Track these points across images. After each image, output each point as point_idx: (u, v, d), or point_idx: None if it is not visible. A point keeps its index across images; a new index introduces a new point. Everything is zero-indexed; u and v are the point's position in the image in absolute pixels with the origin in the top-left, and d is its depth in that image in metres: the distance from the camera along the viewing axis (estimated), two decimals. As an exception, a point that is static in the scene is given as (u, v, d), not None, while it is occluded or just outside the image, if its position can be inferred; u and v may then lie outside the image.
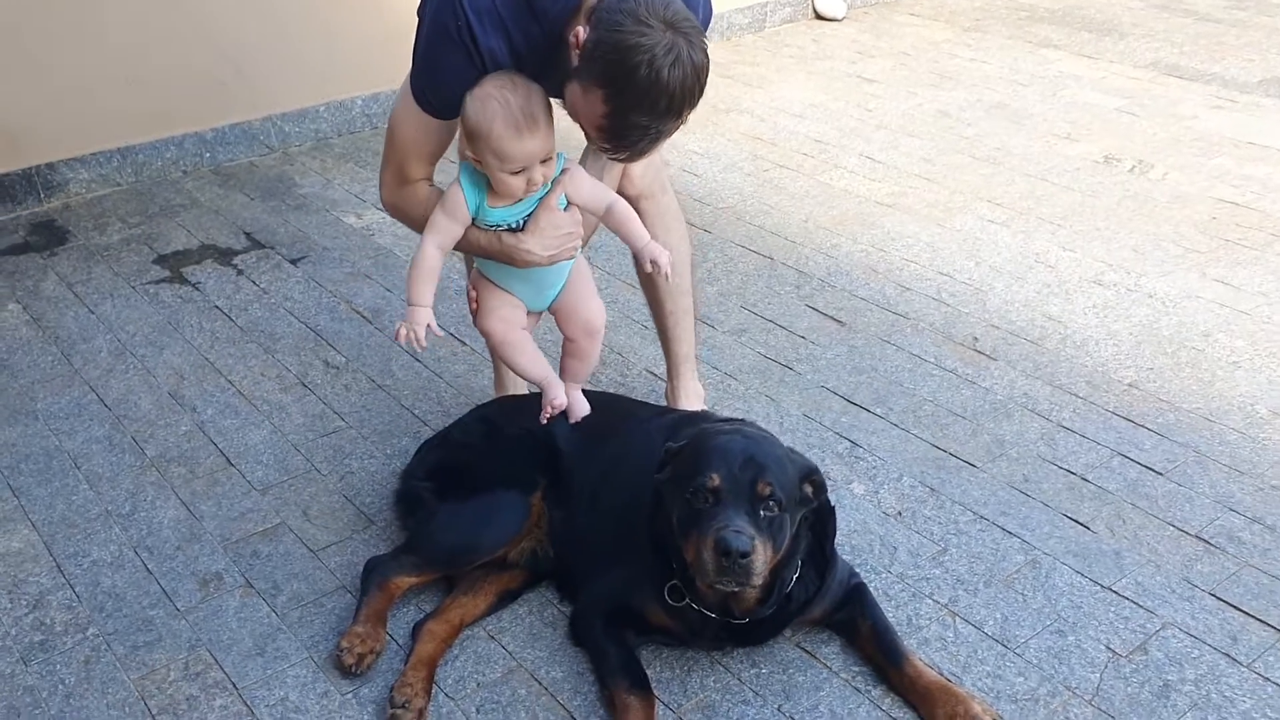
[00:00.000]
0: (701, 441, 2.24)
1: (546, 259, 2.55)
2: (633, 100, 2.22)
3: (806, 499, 2.26)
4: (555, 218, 2.52)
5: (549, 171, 2.44)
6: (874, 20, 6.81)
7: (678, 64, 2.18)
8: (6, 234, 4.39)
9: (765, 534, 2.12)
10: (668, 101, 2.21)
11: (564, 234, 2.54)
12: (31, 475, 3.04)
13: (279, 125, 5.08)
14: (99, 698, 2.37)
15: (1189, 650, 2.42)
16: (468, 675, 2.40)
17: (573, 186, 2.54)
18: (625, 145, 2.32)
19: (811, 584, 2.36)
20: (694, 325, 3.11)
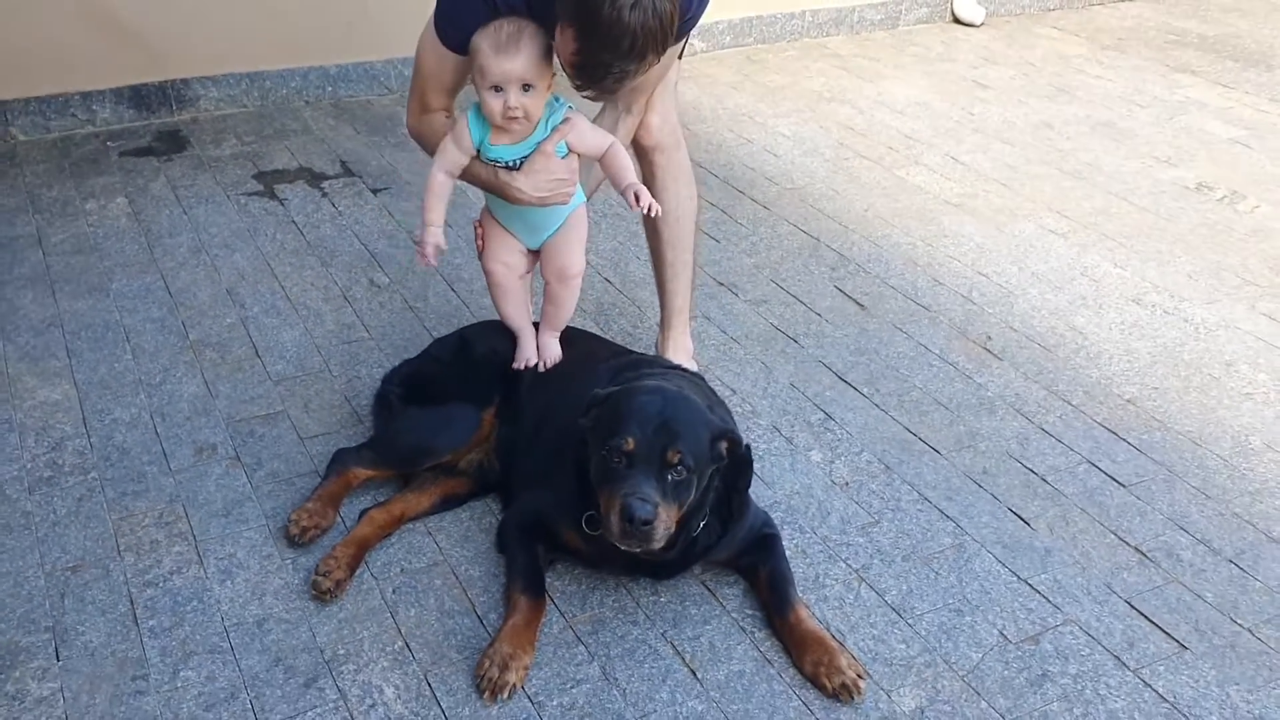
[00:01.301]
0: (622, 399, 2.35)
1: (536, 199, 2.72)
2: (597, 39, 2.37)
3: (719, 456, 2.37)
4: (550, 163, 2.70)
5: (529, 104, 2.58)
6: (1012, 29, 6.72)
7: (638, 6, 2.33)
8: (135, 138, 4.84)
9: (670, 498, 2.25)
10: (630, 41, 2.36)
11: (556, 179, 2.71)
12: (87, 341, 3.41)
13: (398, 68, 5.41)
14: (80, 530, 2.69)
15: (1080, 647, 2.45)
16: (395, 561, 2.62)
17: (574, 135, 2.70)
18: (593, 82, 2.47)
19: (715, 531, 2.47)
20: (692, 280, 3.25)
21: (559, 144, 2.69)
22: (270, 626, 2.43)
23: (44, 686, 2.28)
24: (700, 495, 2.36)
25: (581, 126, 2.72)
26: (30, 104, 4.76)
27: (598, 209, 4.15)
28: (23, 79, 4.72)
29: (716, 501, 2.45)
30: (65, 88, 4.81)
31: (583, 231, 2.89)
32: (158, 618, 2.45)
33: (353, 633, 2.42)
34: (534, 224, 2.85)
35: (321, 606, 2.48)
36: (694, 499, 2.33)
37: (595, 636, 2.44)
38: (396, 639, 2.41)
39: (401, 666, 2.35)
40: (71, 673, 2.31)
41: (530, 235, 2.88)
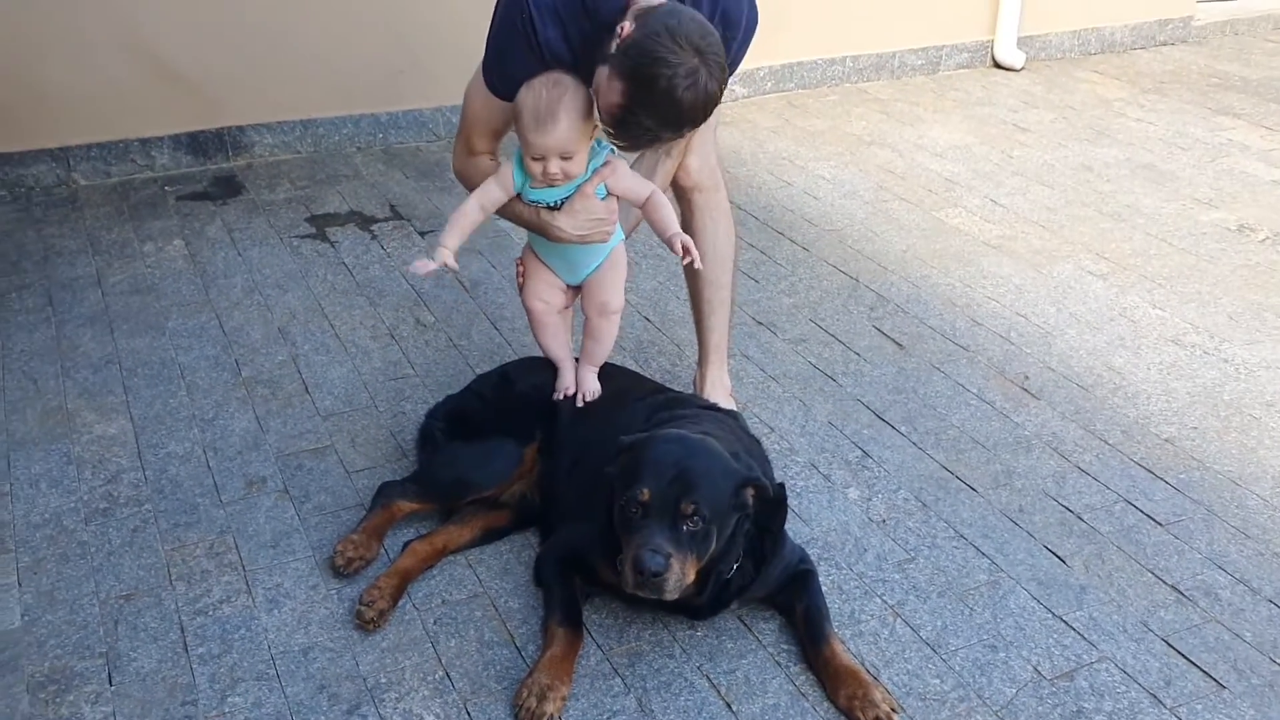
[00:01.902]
0: (642, 449, 2.38)
1: (576, 237, 2.81)
2: (646, 104, 2.48)
3: (742, 505, 2.38)
4: (590, 203, 2.78)
5: (570, 168, 2.69)
6: (1052, 73, 6.76)
7: (693, 87, 2.45)
8: (192, 182, 5.00)
9: (686, 548, 2.28)
10: (676, 115, 2.49)
11: (595, 219, 2.80)
12: (144, 378, 3.52)
13: (446, 115, 5.54)
14: (134, 559, 2.77)
15: (1116, 685, 2.45)
16: (436, 592, 2.68)
17: (613, 178, 2.79)
18: (627, 136, 2.57)
19: (748, 573, 2.50)
20: (730, 318, 3.30)
21: (599, 186, 2.77)
22: (315, 655, 2.49)
23: (97, 710, 2.35)
24: (726, 542, 2.39)
25: (622, 171, 2.81)
26: (92, 150, 4.93)
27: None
28: (85, 126, 4.89)
29: (750, 542, 2.48)
30: (125, 134, 4.98)
31: (622, 269, 2.97)
32: (207, 645, 2.52)
33: (395, 662, 2.48)
34: (573, 261, 2.93)
35: (365, 636, 2.54)
36: (717, 547, 2.36)
37: (632, 669, 2.48)
38: (437, 668, 2.47)
39: (442, 695, 2.40)
40: (123, 697, 2.38)
41: (570, 272, 2.96)
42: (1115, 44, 7.22)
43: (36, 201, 4.77)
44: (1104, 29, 7.14)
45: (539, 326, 3.01)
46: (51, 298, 3.98)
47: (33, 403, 3.38)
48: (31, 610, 2.60)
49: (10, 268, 4.19)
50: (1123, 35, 7.22)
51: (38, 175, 4.87)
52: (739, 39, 2.80)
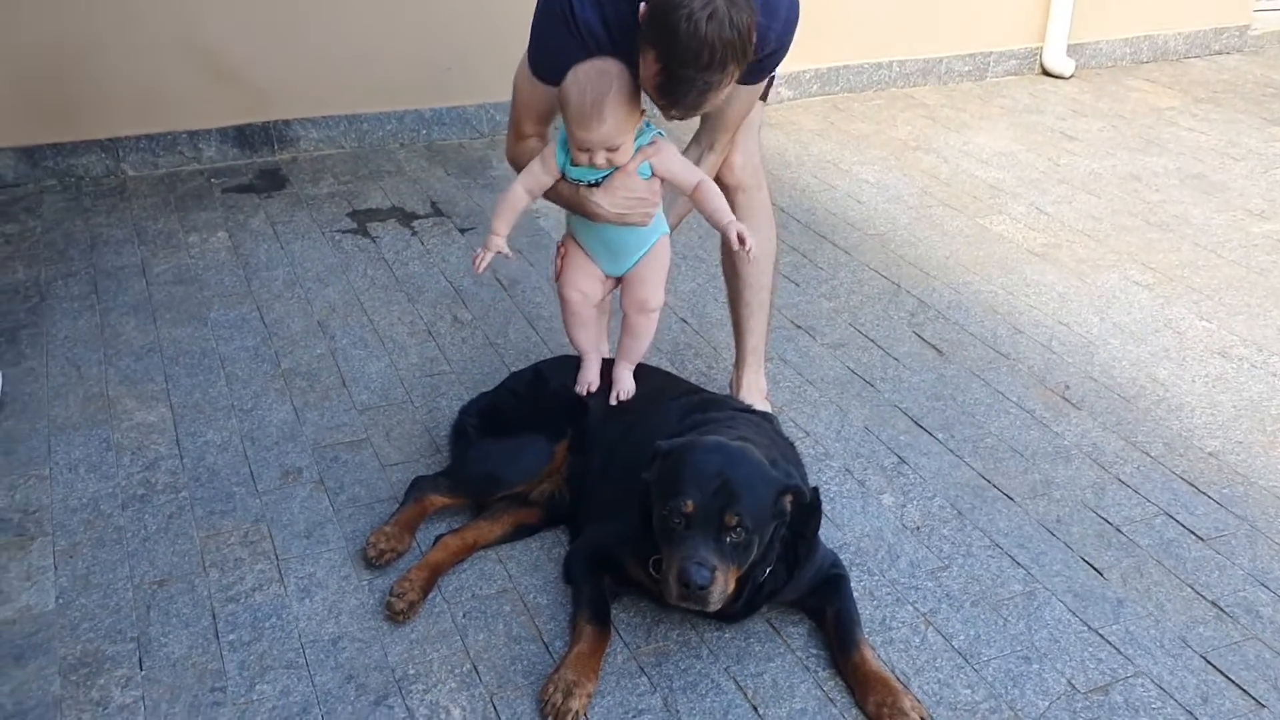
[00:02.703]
0: (683, 456, 2.35)
1: (614, 216, 2.75)
2: (677, 56, 2.41)
3: (781, 512, 2.37)
4: (630, 181, 2.72)
5: (617, 158, 2.65)
6: (1103, 81, 6.67)
7: (714, 18, 2.36)
8: (238, 175, 5.05)
9: (729, 559, 2.27)
10: (709, 53, 2.38)
11: (635, 198, 2.73)
12: (184, 367, 3.56)
13: (490, 113, 5.56)
14: (169, 545, 2.80)
15: (1152, 700, 2.40)
16: (466, 586, 2.68)
17: (658, 159, 2.72)
18: (678, 99, 2.49)
19: (781, 577, 2.48)
20: (769, 321, 3.28)
21: (642, 165, 2.71)
22: (344, 645, 2.50)
23: (127, 694, 2.37)
24: (764, 550, 2.37)
25: (668, 153, 2.74)
26: (141, 141, 4.99)
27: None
28: (135, 118, 4.96)
29: (784, 547, 2.46)
30: (174, 127, 5.04)
31: (665, 264, 2.92)
32: (238, 632, 2.53)
33: (423, 654, 2.48)
34: (615, 249, 2.88)
35: (394, 627, 2.55)
36: (756, 556, 2.34)
37: (659, 669, 2.46)
38: (465, 661, 2.47)
39: (469, 689, 2.40)
40: (153, 682, 2.40)
41: (611, 261, 2.91)
42: (1168, 52, 7.12)
43: (86, 191, 4.84)
44: (1157, 37, 7.04)
45: (572, 317, 2.97)
46: (97, 286, 4.03)
47: (75, 389, 3.42)
48: (66, 593, 2.63)
49: (58, 255, 4.25)
50: (1176, 43, 7.12)
51: (87, 165, 4.94)
52: (779, 29, 2.72)
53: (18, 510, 2.90)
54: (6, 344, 3.63)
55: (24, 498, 2.94)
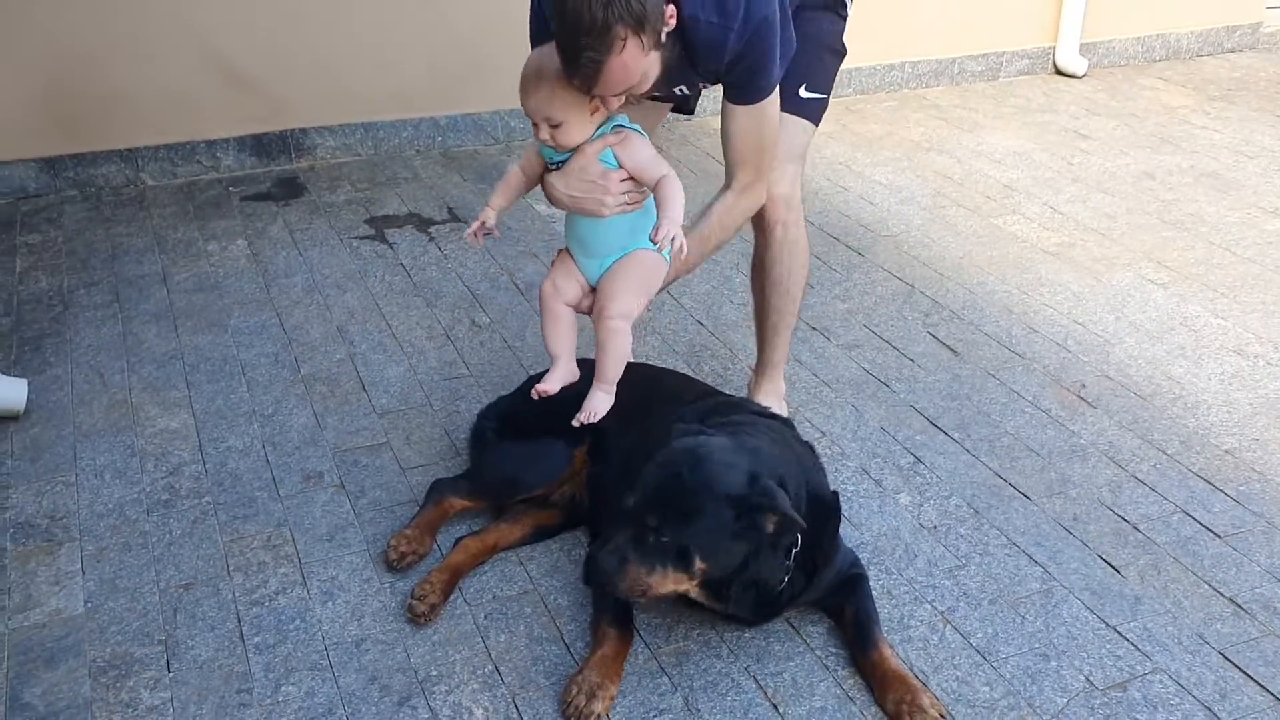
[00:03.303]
0: (665, 450, 2.36)
1: (566, 198, 2.69)
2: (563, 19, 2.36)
3: (753, 529, 2.29)
4: (586, 164, 2.64)
5: (559, 136, 2.59)
6: (1116, 80, 6.67)
7: None
8: (256, 183, 5.09)
9: (652, 559, 2.26)
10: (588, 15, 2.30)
11: (588, 182, 2.64)
12: (205, 374, 3.60)
13: (505, 119, 5.60)
14: (193, 550, 2.83)
15: (1170, 697, 2.41)
16: (487, 588, 2.71)
17: (623, 148, 2.65)
18: (573, 69, 2.41)
19: (799, 583, 2.47)
20: (791, 336, 3.28)
21: (605, 151, 2.65)
22: (368, 646, 2.53)
23: (155, 696, 2.41)
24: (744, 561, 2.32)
25: (637, 144, 2.67)
26: (159, 151, 5.05)
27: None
28: (153, 128, 5.01)
29: (803, 553, 2.45)
30: (192, 136, 5.09)
31: (638, 277, 2.78)
32: (263, 635, 2.56)
33: (445, 655, 2.51)
34: (587, 245, 2.80)
35: (416, 629, 2.57)
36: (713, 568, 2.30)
37: (679, 669, 2.49)
38: (487, 663, 2.49)
39: (491, 690, 2.43)
40: (181, 684, 2.44)
41: (585, 258, 2.82)
42: (1181, 50, 7.11)
43: (106, 201, 4.89)
44: (1169, 35, 7.03)
45: (545, 313, 2.86)
46: (119, 294, 4.08)
47: (99, 396, 3.46)
48: (94, 597, 2.67)
49: (80, 265, 4.30)
50: (1189, 42, 7.11)
51: (107, 175, 5.00)
52: (738, 31, 2.58)
53: (45, 516, 2.94)
54: (32, 352, 3.68)
55: (51, 504, 2.98)
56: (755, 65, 2.68)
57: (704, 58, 2.65)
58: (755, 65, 2.68)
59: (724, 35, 2.58)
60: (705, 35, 2.58)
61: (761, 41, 2.64)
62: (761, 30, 2.61)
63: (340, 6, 5.10)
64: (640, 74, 2.48)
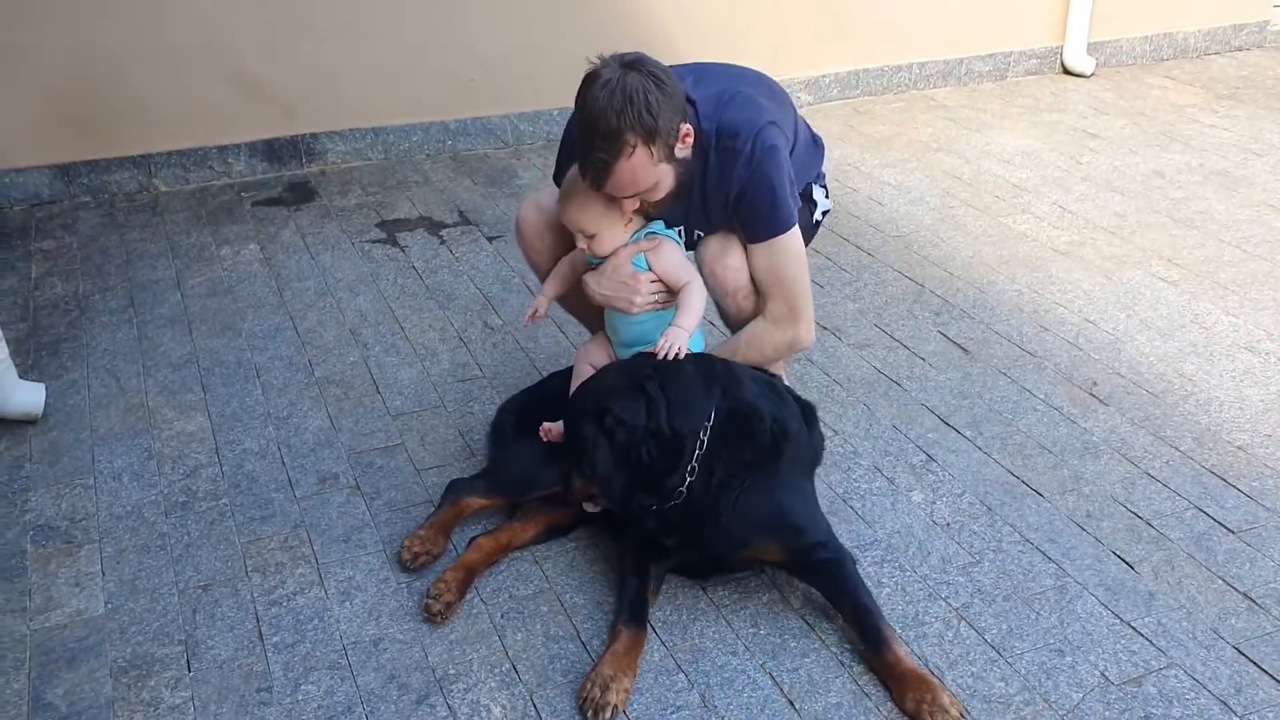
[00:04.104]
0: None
1: (599, 296, 2.86)
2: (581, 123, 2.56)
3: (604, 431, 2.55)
4: (619, 266, 2.82)
5: (596, 246, 2.79)
6: (1123, 79, 6.68)
7: (606, 87, 2.50)
8: (267, 188, 5.12)
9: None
10: (602, 121, 2.49)
11: (619, 282, 2.82)
12: (220, 377, 3.62)
13: (515, 123, 5.62)
14: (211, 551, 2.86)
15: (1185, 691, 2.42)
16: (504, 587, 2.73)
17: (655, 255, 2.82)
18: (585, 167, 2.61)
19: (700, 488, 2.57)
20: None
21: (637, 256, 2.81)
22: (386, 646, 2.55)
23: (176, 695, 2.43)
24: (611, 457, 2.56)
25: (666, 249, 2.83)
26: (172, 157, 5.08)
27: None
28: (166, 134, 5.04)
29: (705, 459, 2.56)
30: (204, 142, 5.12)
31: None
32: (281, 635, 2.58)
33: (463, 654, 2.53)
34: (619, 332, 2.96)
35: (434, 628, 2.59)
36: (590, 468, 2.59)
37: (695, 665, 2.50)
38: (504, 661, 2.51)
39: (509, 687, 2.44)
40: (201, 683, 2.46)
41: (617, 345, 3.00)
42: (1188, 49, 7.11)
43: (119, 207, 4.92)
44: (1176, 34, 7.04)
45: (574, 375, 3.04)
46: (133, 299, 4.10)
47: (115, 400, 3.49)
48: (114, 598, 2.69)
49: (95, 270, 4.33)
50: (1196, 40, 7.11)
51: (120, 182, 5.03)
52: (742, 170, 2.73)
53: (65, 518, 2.96)
54: (49, 357, 3.71)
55: (70, 506, 3.01)
56: (763, 196, 2.76)
57: (715, 180, 2.76)
58: (763, 196, 2.76)
59: (730, 167, 2.71)
60: (716, 156, 2.73)
61: (770, 169, 2.73)
62: (771, 157, 2.73)
63: (350, 12, 5.12)
64: (650, 182, 2.62)
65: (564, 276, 3.03)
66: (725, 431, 2.57)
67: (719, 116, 2.73)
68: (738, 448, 2.58)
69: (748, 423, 2.60)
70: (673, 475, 2.55)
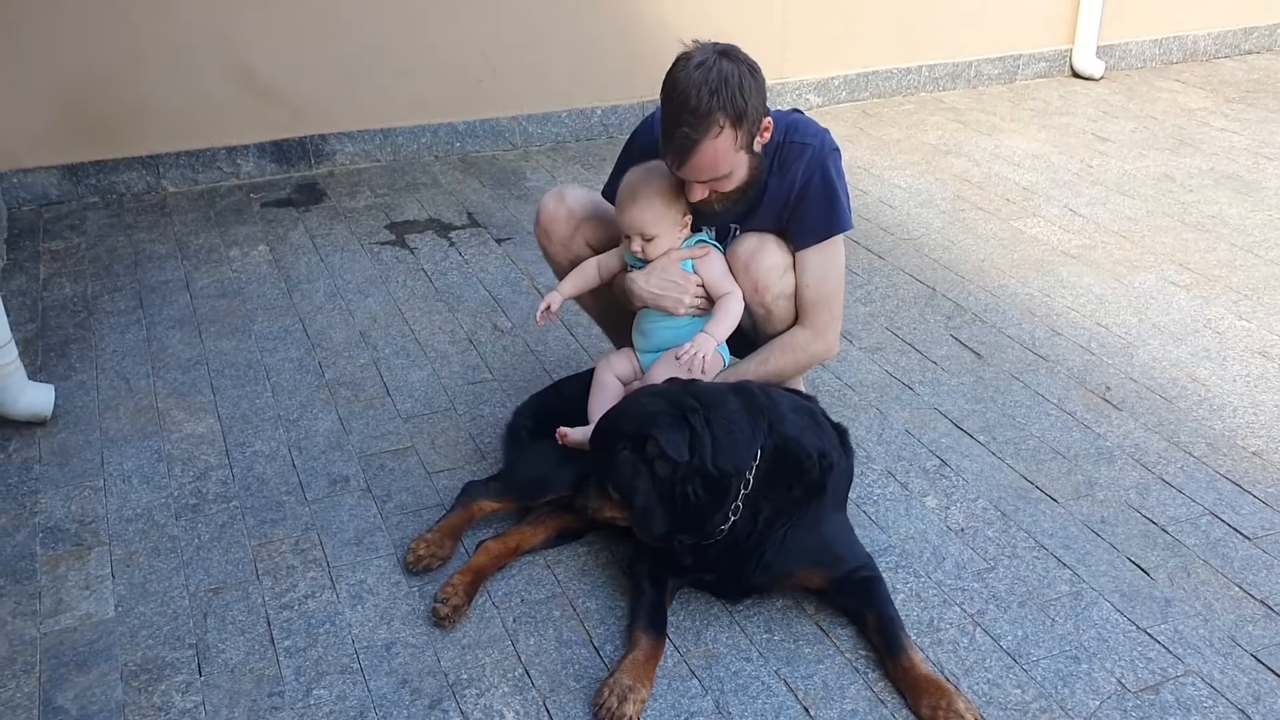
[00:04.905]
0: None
1: (648, 294, 2.87)
2: (672, 105, 2.60)
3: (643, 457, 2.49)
4: (670, 264, 2.86)
5: (650, 250, 2.84)
6: (1133, 82, 6.66)
7: (701, 66, 2.56)
8: (276, 190, 5.11)
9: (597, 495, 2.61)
10: (694, 96, 2.54)
11: (670, 281, 2.86)
12: (230, 379, 3.61)
13: (523, 125, 5.61)
14: (222, 554, 2.84)
15: (1203, 699, 2.40)
16: (516, 592, 2.72)
17: (703, 262, 2.87)
18: (668, 145, 2.64)
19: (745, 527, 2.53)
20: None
21: (685, 261, 2.86)
22: (398, 650, 2.54)
23: (187, 699, 2.41)
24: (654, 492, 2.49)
25: (713, 258, 2.88)
26: (180, 158, 5.07)
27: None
28: (174, 135, 5.04)
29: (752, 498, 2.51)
30: (212, 143, 5.12)
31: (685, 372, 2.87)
32: (293, 638, 2.57)
33: (475, 659, 2.51)
34: (650, 337, 2.97)
35: (446, 633, 2.58)
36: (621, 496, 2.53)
37: (709, 671, 2.49)
38: (517, 666, 2.50)
39: (521, 693, 2.43)
40: (212, 688, 2.44)
41: (645, 350, 3.00)
42: (1198, 52, 7.10)
43: (128, 207, 4.91)
44: (1186, 37, 7.02)
45: (594, 383, 3.01)
46: (142, 300, 4.09)
47: (125, 401, 3.48)
48: (125, 601, 2.68)
49: (103, 271, 4.32)
50: (1206, 44, 7.10)
51: (129, 182, 5.02)
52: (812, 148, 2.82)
53: (75, 521, 2.95)
54: (58, 358, 3.70)
55: (80, 508, 3.00)
56: (825, 193, 2.82)
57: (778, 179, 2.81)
58: (825, 193, 2.82)
59: (800, 153, 2.77)
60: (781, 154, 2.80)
61: (834, 169, 2.83)
62: (835, 158, 2.84)
63: (358, 13, 5.12)
64: (728, 168, 2.66)
65: (586, 278, 3.03)
66: (772, 470, 2.52)
67: (785, 121, 2.83)
68: (785, 487, 2.53)
69: (796, 461, 2.54)
70: (716, 514, 2.51)
